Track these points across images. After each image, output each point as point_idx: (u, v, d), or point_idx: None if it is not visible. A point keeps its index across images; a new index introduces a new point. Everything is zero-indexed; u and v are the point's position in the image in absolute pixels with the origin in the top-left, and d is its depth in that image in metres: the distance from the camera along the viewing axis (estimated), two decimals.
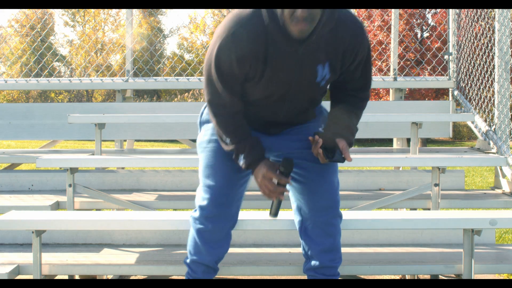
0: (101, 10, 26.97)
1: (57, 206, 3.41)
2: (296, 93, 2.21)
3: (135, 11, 5.51)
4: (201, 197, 2.31)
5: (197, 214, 2.31)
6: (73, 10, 27.77)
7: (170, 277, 3.26)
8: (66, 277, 3.10)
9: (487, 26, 4.44)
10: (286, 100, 2.23)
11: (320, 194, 2.31)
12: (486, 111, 4.35)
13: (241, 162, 2.23)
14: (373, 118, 3.95)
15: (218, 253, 2.35)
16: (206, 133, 2.39)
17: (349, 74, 2.25)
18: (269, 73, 2.13)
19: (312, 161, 2.31)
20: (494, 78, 4.15)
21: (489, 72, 4.29)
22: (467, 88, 4.65)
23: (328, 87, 2.34)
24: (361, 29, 2.20)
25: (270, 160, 2.30)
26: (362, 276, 3.48)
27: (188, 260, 2.37)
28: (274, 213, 2.34)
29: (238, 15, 2.09)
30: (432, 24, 17.97)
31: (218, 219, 2.29)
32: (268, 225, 2.56)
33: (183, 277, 2.46)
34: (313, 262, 2.35)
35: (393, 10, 4.97)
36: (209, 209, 2.28)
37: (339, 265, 2.37)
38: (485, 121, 4.35)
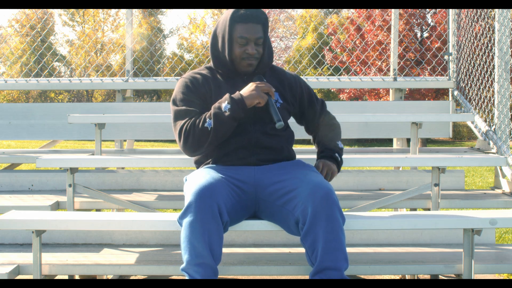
0: (100, 10, 26.98)
1: (57, 206, 3.41)
2: (263, 111, 2.55)
3: (135, 11, 5.51)
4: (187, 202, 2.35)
5: (183, 213, 2.32)
6: (72, 10, 27.75)
7: (170, 277, 3.26)
8: (66, 277, 3.10)
9: (487, 26, 4.44)
10: (258, 119, 2.56)
11: (308, 180, 2.40)
12: (486, 111, 4.35)
13: (226, 105, 2.45)
14: (373, 118, 3.95)
15: (210, 238, 2.26)
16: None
17: (310, 111, 2.78)
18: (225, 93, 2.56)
19: (292, 176, 2.48)
20: (494, 78, 4.15)
21: (489, 72, 4.29)
22: (467, 88, 4.65)
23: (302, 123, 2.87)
24: (294, 73, 2.84)
25: None
26: (362, 276, 3.49)
27: (184, 265, 2.32)
28: (279, 119, 2.48)
29: None
30: (432, 24, 17.97)
31: (202, 198, 2.27)
32: (268, 226, 2.56)
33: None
34: (317, 265, 2.31)
35: (393, 10, 4.97)
36: (192, 201, 2.28)
37: (344, 268, 2.32)
38: (485, 121, 4.35)
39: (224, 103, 2.46)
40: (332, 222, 2.29)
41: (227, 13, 2.60)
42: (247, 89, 2.49)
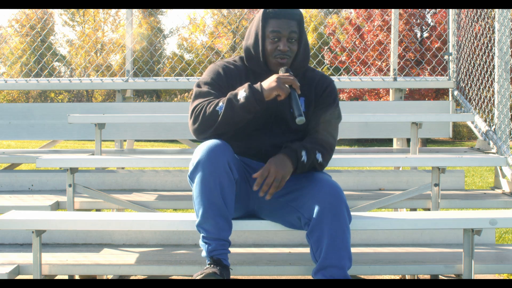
0: (100, 10, 26.98)
1: (57, 206, 3.41)
2: (277, 121, 2.48)
3: (135, 11, 5.51)
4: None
5: (194, 169, 2.31)
6: (73, 10, 27.75)
7: (170, 277, 3.26)
8: (66, 277, 3.10)
9: (487, 26, 4.44)
10: (270, 130, 2.48)
11: (316, 178, 2.38)
12: (486, 111, 4.35)
13: (242, 93, 2.32)
14: (373, 118, 3.95)
15: (223, 190, 2.26)
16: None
17: (316, 115, 2.51)
18: None
19: (298, 176, 2.42)
20: (494, 78, 4.15)
21: (489, 72, 4.29)
22: (467, 88, 4.65)
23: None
24: (329, 77, 2.63)
25: None
26: (362, 276, 3.49)
27: (198, 221, 2.32)
28: (300, 113, 2.27)
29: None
30: (432, 24, 17.97)
31: (214, 152, 2.27)
32: (268, 225, 2.55)
33: (183, 277, 2.45)
34: (320, 261, 2.29)
35: (393, 10, 4.97)
36: (204, 155, 2.28)
37: (348, 267, 2.31)
38: (485, 121, 4.35)
39: (241, 90, 2.34)
40: (339, 220, 2.28)
41: (260, 10, 2.50)
42: (268, 80, 2.35)
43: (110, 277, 3.44)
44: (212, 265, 2.29)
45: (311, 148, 2.38)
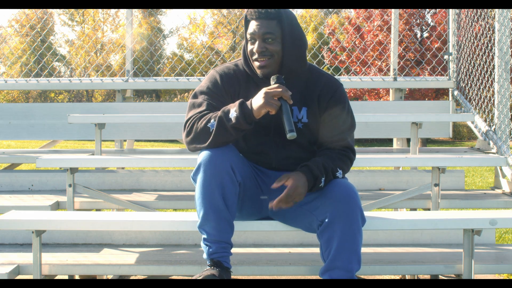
0: (99, 10, 26.97)
1: (57, 206, 3.41)
2: (278, 134, 2.37)
3: (135, 11, 5.51)
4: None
5: (196, 169, 2.32)
6: (72, 10, 27.74)
7: (170, 277, 3.26)
8: (66, 277, 3.10)
9: (487, 26, 4.44)
10: (276, 143, 2.42)
11: (332, 184, 2.33)
12: (486, 111, 4.35)
13: (233, 112, 2.25)
14: (373, 118, 3.95)
15: (224, 191, 2.25)
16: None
17: (327, 126, 2.43)
18: None
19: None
20: (494, 78, 4.15)
21: (489, 72, 4.29)
22: (467, 88, 4.65)
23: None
24: (336, 81, 2.49)
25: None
26: (362, 276, 3.48)
27: (199, 222, 2.31)
28: (291, 129, 2.21)
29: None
30: (432, 24, 17.97)
31: (216, 156, 2.27)
32: (268, 226, 2.55)
33: (183, 277, 2.45)
34: (328, 262, 2.27)
35: (393, 10, 4.97)
36: (206, 157, 2.28)
37: (356, 269, 2.28)
38: (485, 121, 4.35)
39: (232, 109, 2.27)
40: (351, 224, 2.25)
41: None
42: (257, 96, 2.27)
43: (110, 277, 3.44)
44: (212, 267, 2.29)
45: (331, 169, 2.35)
